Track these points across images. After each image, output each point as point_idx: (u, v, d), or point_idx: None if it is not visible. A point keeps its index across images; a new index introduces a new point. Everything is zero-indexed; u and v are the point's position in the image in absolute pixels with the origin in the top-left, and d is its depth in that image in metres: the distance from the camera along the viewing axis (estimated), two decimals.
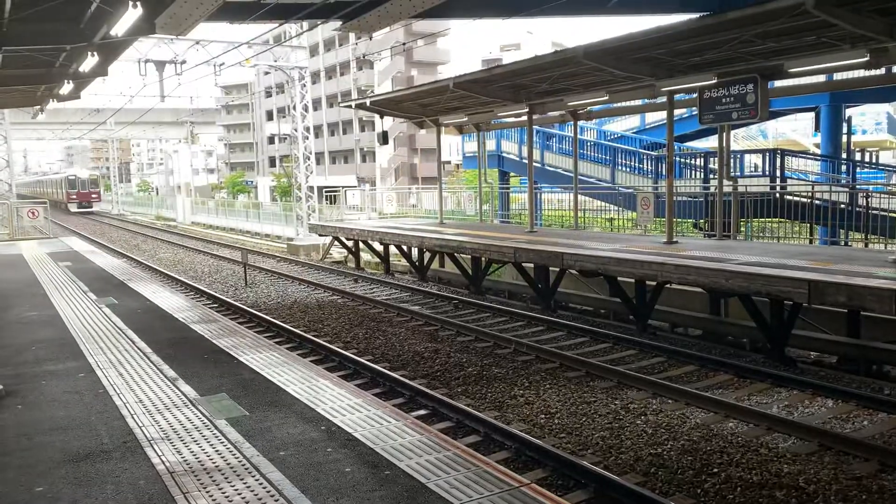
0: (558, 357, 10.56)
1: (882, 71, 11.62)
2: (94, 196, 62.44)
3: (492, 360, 10.76)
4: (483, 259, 16.64)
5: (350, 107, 22.43)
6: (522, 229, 18.28)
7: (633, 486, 6.10)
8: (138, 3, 9.55)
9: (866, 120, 39.34)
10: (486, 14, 15.49)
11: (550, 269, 14.62)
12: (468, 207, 25.20)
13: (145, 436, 5.35)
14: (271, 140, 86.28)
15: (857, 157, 31.82)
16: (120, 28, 11.02)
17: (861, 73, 12.24)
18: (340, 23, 13.50)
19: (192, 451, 5.02)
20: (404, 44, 44.21)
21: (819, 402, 8.48)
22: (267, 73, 77.45)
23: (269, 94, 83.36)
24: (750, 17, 9.68)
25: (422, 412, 8.41)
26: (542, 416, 8.31)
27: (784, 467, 6.68)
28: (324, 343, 11.64)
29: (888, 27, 9.36)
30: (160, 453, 5.00)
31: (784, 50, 11.19)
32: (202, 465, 4.78)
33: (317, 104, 71.31)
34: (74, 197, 61.58)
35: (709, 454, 7.04)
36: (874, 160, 37.47)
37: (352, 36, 60.73)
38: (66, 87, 18.49)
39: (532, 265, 14.79)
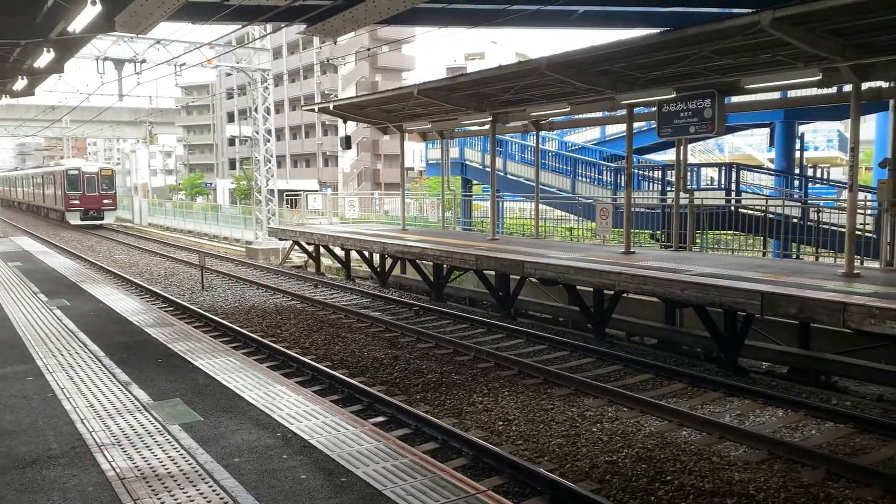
0: (517, 364, 10.61)
1: (834, 90, 11.98)
2: (106, 202, 42.22)
3: (451, 366, 10.77)
4: (445, 266, 16.67)
5: (313, 110, 22.31)
6: (484, 237, 18.36)
7: (588, 493, 6.16)
8: (97, 0, 9.37)
9: (818, 137, 40.52)
10: (451, 23, 15.55)
11: (511, 276, 14.71)
12: (431, 214, 25.23)
13: (95, 441, 5.24)
14: (231, 142, 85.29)
15: (810, 172, 32.72)
16: (77, 25, 10.80)
17: (814, 91, 12.58)
18: (305, 26, 13.43)
19: (143, 457, 4.93)
20: (369, 49, 44.15)
21: (770, 412, 8.67)
22: (229, 74, 76.50)
23: (230, 96, 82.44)
24: (708, 34, 9.90)
25: (380, 419, 8.37)
26: (500, 422, 8.34)
27: (735, 475, 6.81)
28: (281, 348, 11.52)
29: (840, 47, 9.66)
30: (110, 459, 4.89)
31: (741, 67, 11.46)
32: (154, 471, 4.70)
33: (279, 107, 70.77)
34: (77, 202, 41.17)
35: (662, 462, 7.14)
36: (826, 176, 38.57)
37: (316, 39, 60.49)
38: (20, 83, 18.05)
39: (493, 273, 14.86)
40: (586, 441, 7.72)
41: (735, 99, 14.62)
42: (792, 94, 16.10)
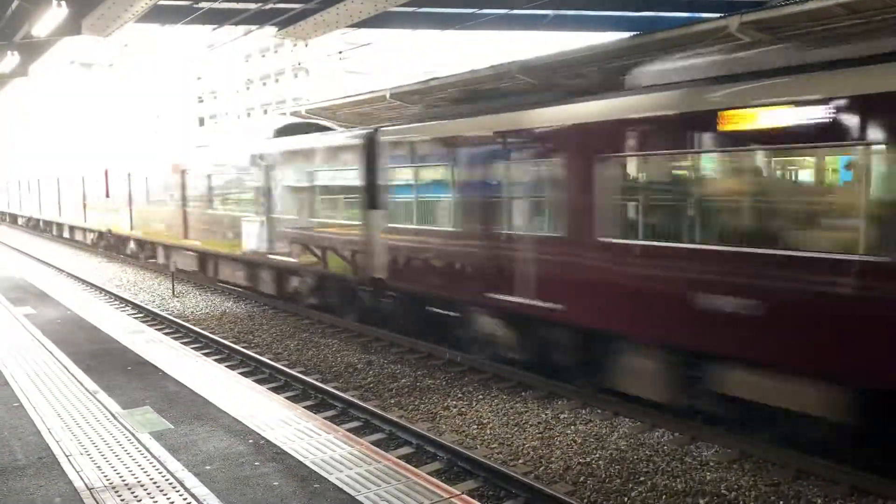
0: (491, 367, 10.60)
1: None
2: None
3: (426, 370, 10.74)
4: None
5: (285, 115, 22.19)
6: None
7: (562, 495, 6.19)
8: (63, 3, 9.25)
9: None
10: (424, 25, 15.60)
11: None
12: None
13: (63, 451, 5.14)
14: None
15: None
16: (43, 28, 10.65)
17: None
18: (276, 29, 13.40)
19: (112, 467, 4.85)
20: (340, 52, 44.03)
21: None
22: (199, 78, 75.98)
23: (200, 101, 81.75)
24: (678, 39, 10.02)
25: (354, 424, 8.33)
26: (475, 426, 8.34)
27: (707, 475, 6.87)
28: (254, 354, 11.42)
29: None
30: (79, 469, 4.81)
31: None
32: (123, 480, 4.62)
33: (250, 111, 70.35)
34: None
35: (635, 463, 7.19)
36: None
37: (288, 43, 60.17)
38: None
39: None
40: (560, 443, 7.75)
41: None
42: None
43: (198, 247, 18.56)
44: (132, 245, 24.89)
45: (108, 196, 25.40)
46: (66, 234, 33.35)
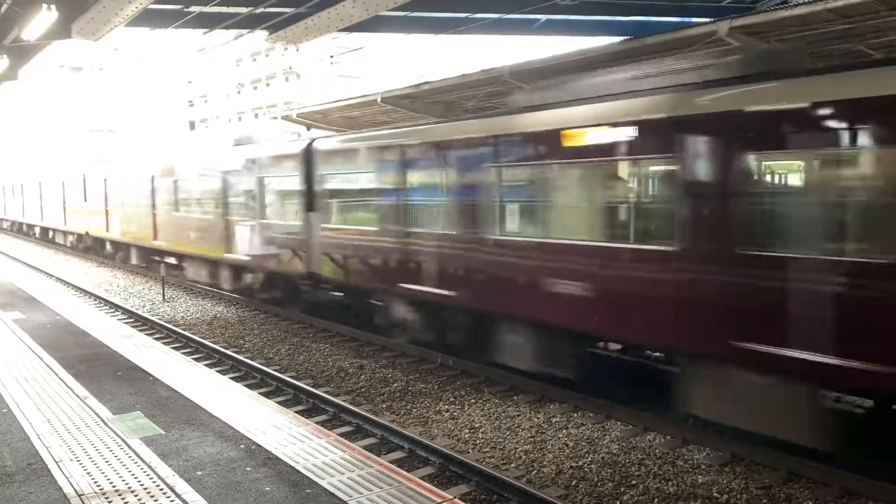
0: (483, 371, 10.61)
1: None
2: None
3: (417, 374, 10.73)
4: None
5: (276, 118, 22.17)
6: None
7: (554, 499, 6.19)
8: (53, 7, 9.21)
9: None
10: (415, 29, 15.59)
11: None
12: None
13: (52, 457, 5.11)
14: None
15: None
16: (33, 31, 10.59)
17: None
18: (267, 33, 13.38)
19: (103, 473, 4.82)
20: (332, 56, 44.01)
21: None
22: (190, 81, 75.80)
23: (191, 104, 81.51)
24: (668, 43, 10.06)
25: (346, 429, 8.31)
26: (467, 430, 8.34)
27: (699, 478, 6.89)
28: (245, 359, 11.38)
29: None
30: (69, 475, 4.78)
31: None
32: (114, 486, 4.60)
33: (241, 114, 70.21)
34: None
35: (627, 466, 7.20)
36: None
37: (278, 46, 60.07)
38: None
39: None
40: (552, 447, 7.75)
41: None
42: None
43: (41, 224, 34.14)
44: (24, 227, 39.89)
45: (13, 197, 40.43)
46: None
